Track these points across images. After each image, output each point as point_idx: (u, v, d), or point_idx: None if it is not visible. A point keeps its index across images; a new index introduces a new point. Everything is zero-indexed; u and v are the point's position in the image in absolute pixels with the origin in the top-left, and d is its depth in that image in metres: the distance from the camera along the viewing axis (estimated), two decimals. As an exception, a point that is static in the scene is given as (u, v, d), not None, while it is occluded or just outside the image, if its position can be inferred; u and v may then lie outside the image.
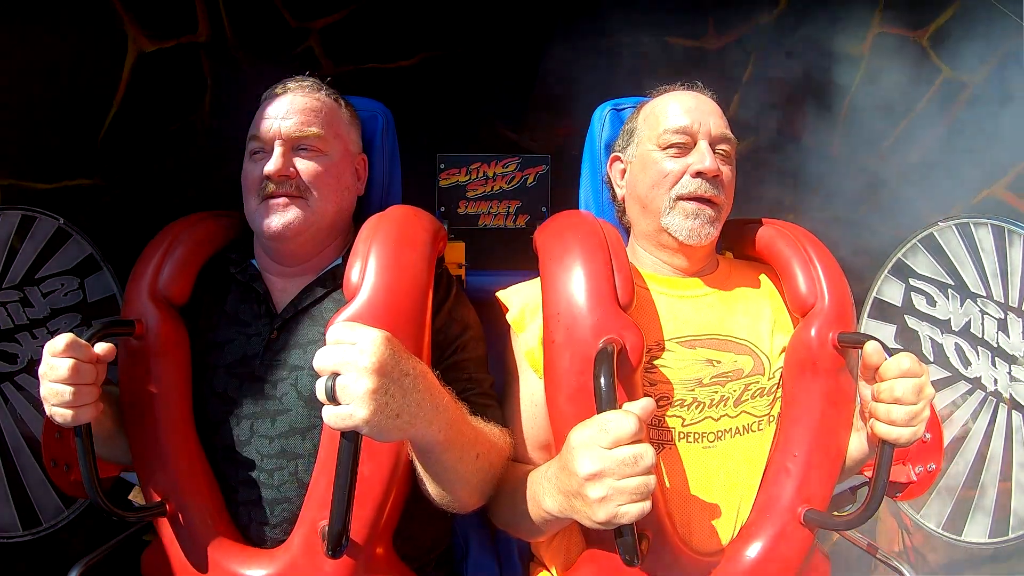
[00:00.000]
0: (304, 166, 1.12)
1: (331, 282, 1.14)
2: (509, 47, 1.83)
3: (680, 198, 1.12)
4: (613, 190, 1.27)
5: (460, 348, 1.12)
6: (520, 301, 1.15)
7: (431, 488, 0.97)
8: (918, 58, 1.69)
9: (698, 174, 1.11)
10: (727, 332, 1.12)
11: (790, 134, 1.64)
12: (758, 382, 1.11)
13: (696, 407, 1.07)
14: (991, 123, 1.59)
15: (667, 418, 1.07)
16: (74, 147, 1.62)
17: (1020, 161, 1.58)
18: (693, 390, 1.08)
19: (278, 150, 1.11)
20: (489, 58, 1.80)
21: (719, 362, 1.10)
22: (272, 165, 1.10)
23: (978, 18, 1.57)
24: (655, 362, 1.08)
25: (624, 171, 1.23)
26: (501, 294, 1.19)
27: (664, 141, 1.14)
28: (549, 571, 1.14)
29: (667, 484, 1.05)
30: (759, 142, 1.70)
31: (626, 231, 1.28)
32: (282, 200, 1.10)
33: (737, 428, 1.08)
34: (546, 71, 1.82)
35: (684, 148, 1.13)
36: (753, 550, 1.03)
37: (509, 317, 1.15)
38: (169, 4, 1.62)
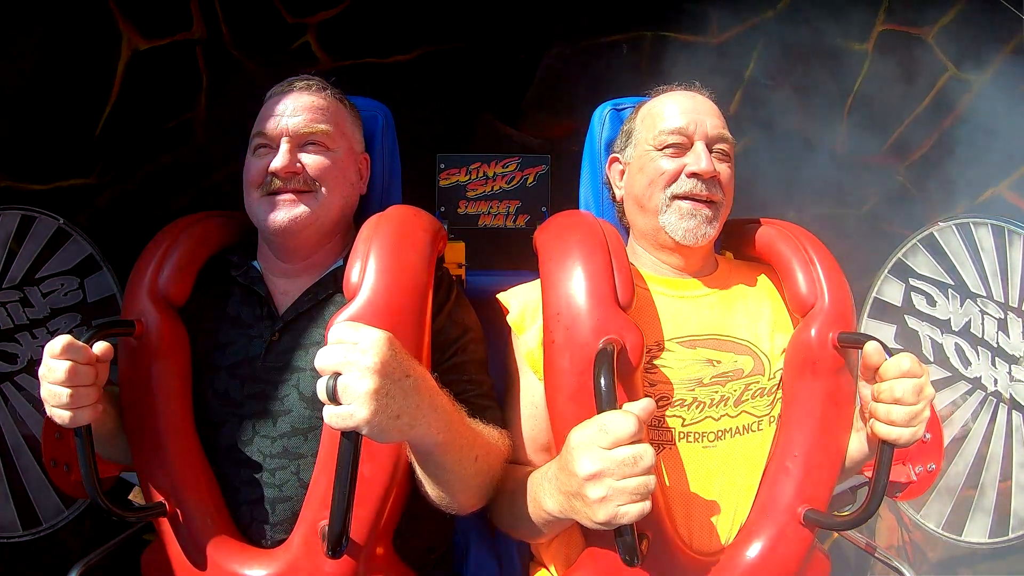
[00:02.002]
0: (311, 161, 1.12)
1: (332, 284, 1.14)
2: (507, 42, 1.82)
3: (676, 197, 1.12)
4: (613, 191, 1.27)
5: (460, 350, 1.12)
6: (520, 303, 1.15)
7: (430, 490, 0.97)
8: (923, 55, 1.67)
9: (693, 175, 1.11)
10: (727, 332, 1.12)
11: (793, 131, 1.63)
12: (758, 382, 1.11)
13: (696, 407, 1.07)
14: (995, 122, 1.58)
15: (667, 418, 1.07)
16: (69, 146, 1.62)
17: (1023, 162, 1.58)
18: (693, 390, 1.08)
19: (284, 146, 1.11)
20: (487, 53, 1.79)
21: (719, 362, 1.10)
22: (279, 161, 1.09)
23: (983, 16, 1.56)
24: (655, 362, 1.08)
25: (623, 172, 1.23)
26: (501, 296, 1.19)
27: (661, 142, 1.14)
28: (549, 571, 1.14)
29: (667, 484, 1.05)
30: (761, 139, 1.70)
31: (626, 231, 1.28)
32: (288, 196, 1.10)
33: (737, 428, 1.08)
34: (544, 67, 1.81)
35: (681, 149, 1.13)
36: (753, 550, 1.03)
37: (509, 319, 1.15)
38: (163, 2, 1.61)
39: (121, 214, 1.69)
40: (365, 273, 1.01)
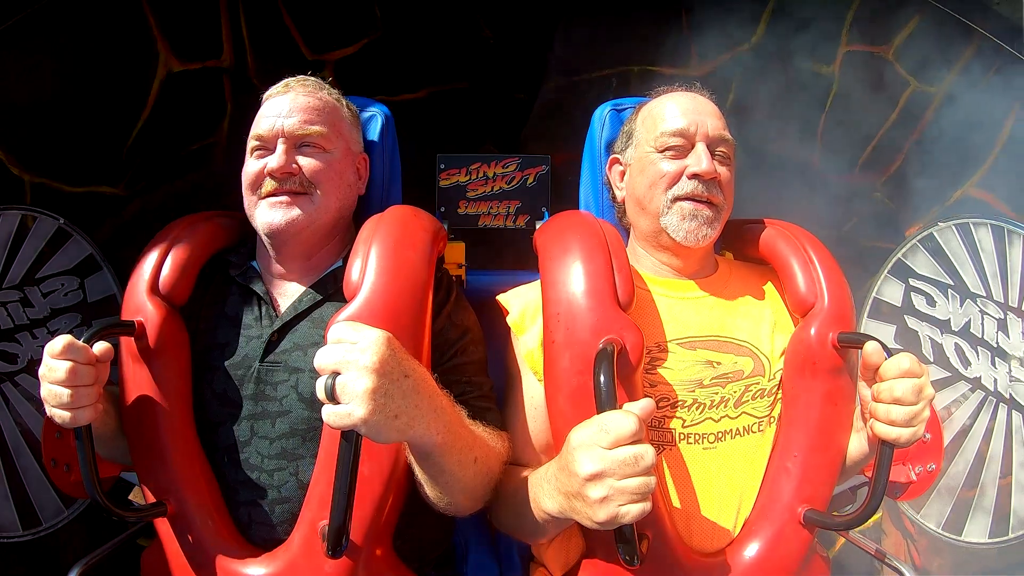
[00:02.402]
0: (307, 163, 1.12)
1: (332, 285, 1.14)
2: (506, 81, 1.91)
3: (677, 199, 1.12)
4: (613, 192, 1.27)
5: (459, 351, 1.12)
6: (520, 304, 1.15)
7: (429, 492, 0.97)
8: (886, 72, 1.73)
9: (694, 176, 1.11)
10: (727, 333, 1.12)
11: (774, 155, 1.67)
12: (758, 383, 1.11)
13: (696, 408, 1.07)
14: (958, 127, 1.63)
15: (667, 419, 1.06)
16: (102, 155, 1.68)
17: (985, 160, 1.63)
18: (693, 391, 1.08)
19: (281, 147, 1.11)
20: (487, 92, 1.89)
21: (719, 363, 1.10)
22: (275, 162, 1.09)
23: (938, 29, 1.62)
24: (655, 363, 1.08)
25: (623, 173, 1.23)
26: (501, 297, 1.19)
27: (661, 144, 1.14)
28: (549, 571, 1.13)
29: (667, 485, 1.05)
30: (744, 164, 1.75)
31: (626, 232, 1.28)
32: (284, 197, 1.10)
33: (737, 429, 1.08)
34: (540, 102, 1.90)
35: (682, 150, 1.13)
36: (753, 550, 1.03)
37: (509, 320, 1.15)
38: (198, 27, 1.68)
39: (139, 226, 1.72)
40: (365, 273, 1.01)
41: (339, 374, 0.74)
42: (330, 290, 1.14)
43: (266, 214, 1.10)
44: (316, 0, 1.73)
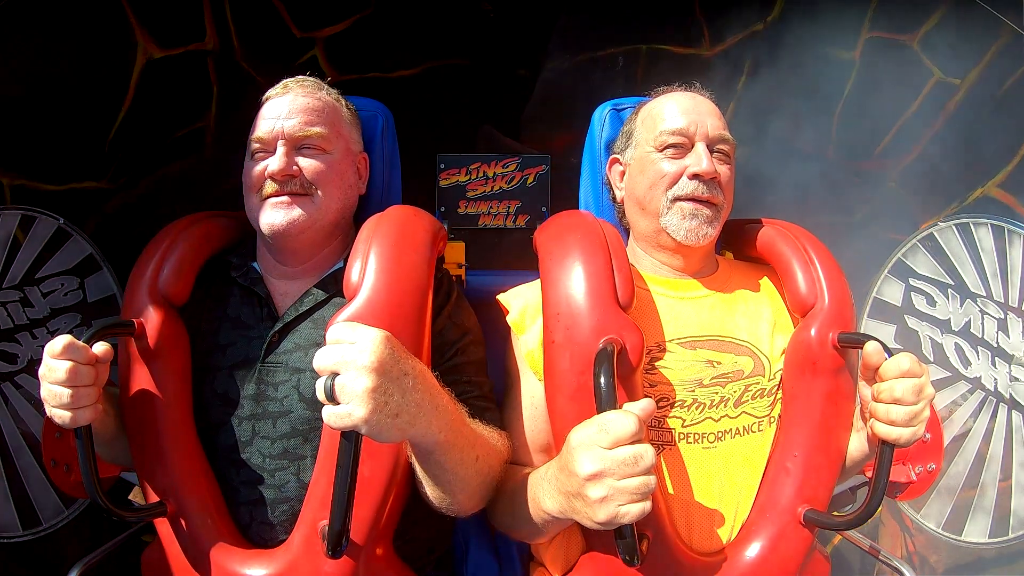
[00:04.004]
0: (307, 164, 1.12)
1: (333, 286, 1.14)
2: (508, 58, 1.85)
3: (677, 199, 1.12)
4: (613, 192, 1.27)
5: (459, 352, 1.12)
6: (520, 303, 1.15)
7: (430, 491, 0.97)
8: (909, 61, 1.70)
9: (695, 176, 1.11)
10: (727, 333, 1.12)
11: (786, 140, 1.66)
12: (758, 383, 1.11)
13: (696, 408, 1.07)
14: (981, 123, 1.61)
15: (667, 419, 1.07)
16: (83, 149, 1.64)
17: (1010, 160, 1.60)
18: (693, 391, 1.08)
19: (281, 149, 1.11)
20: (488, 69, 1.83)
21: (719, 363, 1.10)
22: (276, 164, 1.10)
23: (965, 20, 1.59)
24: (655, 363, 1.08)
25: (623, 173, 1.23)
26: (501, 297, 1.19)
27: (661, 143, 1.14)
28: (549, 571, 1.13)
29: (667, 485, 1.05)
30: (755, 149, 1.72)
31: (626, 232, 1.28)
32: (285, 199, 1.10)
33: (737, 429, 1.08)
34: (542, 79, 1.84)
35: (682, 150, 1.13)
36: (753, 550, 1.03)
37: (509, 319, 1.15)
38: (178, 12, 1.64)
39: (129, 219, 1.70)
40: (365, 273, 1.01)
41: (338, 374, 0.74)
42: (331, 291, 1.14)
43: (268, 215, 1.10)
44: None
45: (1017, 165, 1.58)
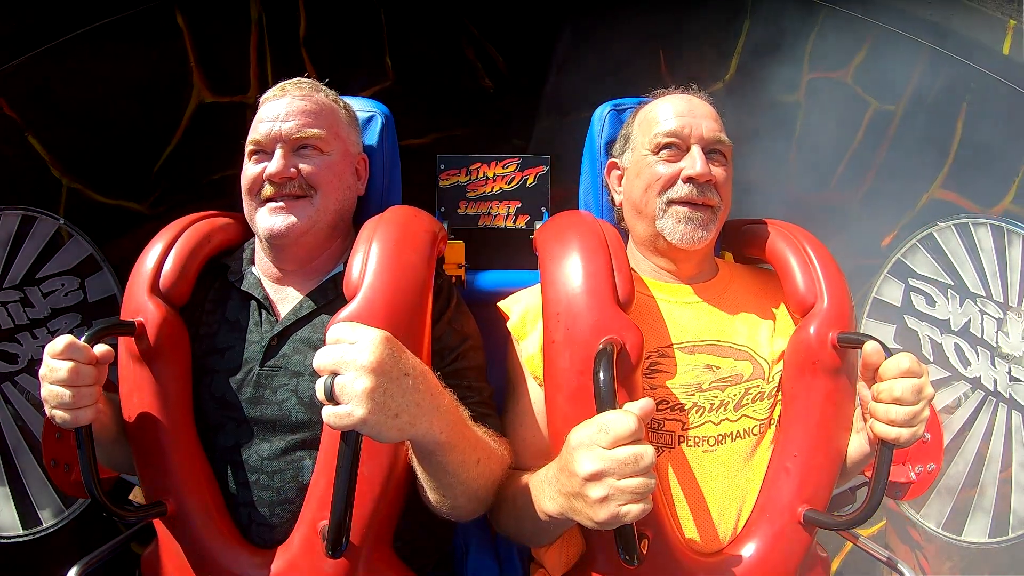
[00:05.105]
0: (305, 166, 1.12)
1: (332, 290, 1.14)
2: (506, 127, 1.94)
3: (672, 202, 1.12)
4: (612, 195, 1.27)
5: (459, 357, 1.12)
6: (520, 309, 1.15)
7: (431, 495, 0.97)
8: (848, 95, 1.82)
9: (689, 179, 1.11)
10: (726, 338, 1.12)
11: (751, 182, 1.72)
12: (758, 386, 1.10)
13: (696, 412, 1.07)
14: (919, 137, 1.72)
15: (667, 422, 1.06)
16: (134, 172, 1.77)
17: (944, 162, 1.72)
18: (693, 395, 1.08)
19: (279, 152, 1.11)
20: (489, 138, 1.92)
21: (718, 367, 1.10)
22: (274, 166, 1.10)
23: (890, 48, 1.70)
24: (655, 367, 1.08)
25: (621, 177, 1.23)
26: (501, 303, 1.19)
27: (656, 146, 1.14)
28: (549, 573, 1.13)
29: (669, 486, 1.05)
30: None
31: (626, 235, 1.28)
32: (284, 202, 1.10)
33: (738, 432, 1.08)
34: (536, 142, 1.93)
35: (677, 152, 1.13)
36: (752, 550, 1.03)
37: (509, 325, 1.15)
38: (231, 62, 1.80)
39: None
40: (365, 273, 1.01)
41: (338, 374, 0.74)
42: (331, 296, 1.14)
43: (266, 220, 1.10)
44: (336, 50, 1.85)
45: (951, 165, 1.70)
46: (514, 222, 1.78)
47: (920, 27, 1.65)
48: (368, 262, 1.02)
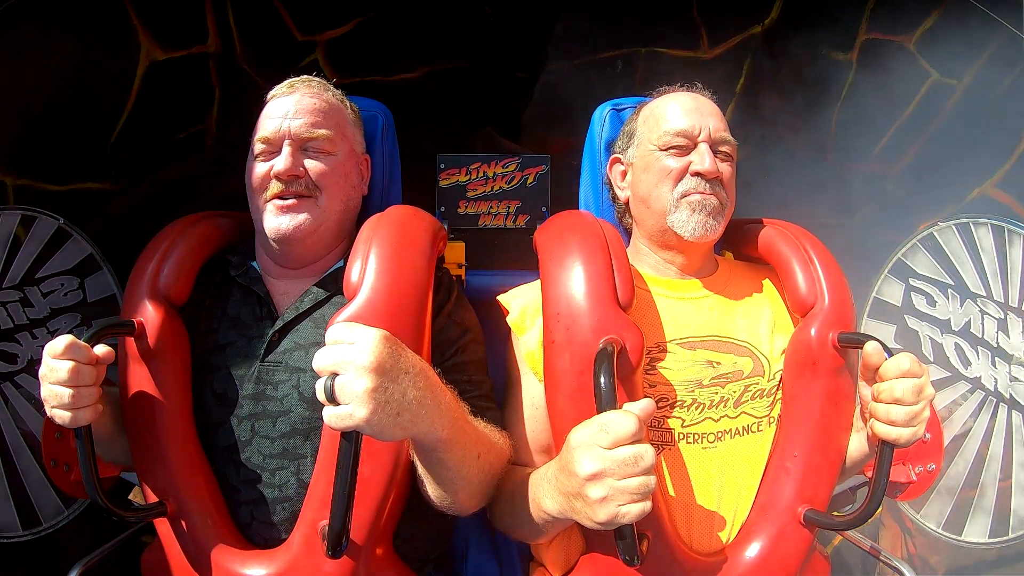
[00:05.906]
0: (312, 165, 1.12)
1: (333, 285, 1.14)
2: (507, 61, 1.87)
3: (684, 195, 1.12)
4: (613, 191, 1.27)
5: (459, 351, 1.12)
6: (520, 304, 1.15)
7: (431, 490, 0.97)
8: (906, 62, 1.71)
9: (697, 174, 1.11)
10: (727, 334, 1.13)
11: (784, 142, 1.66)
12: (758, 383, 1.11)
13: (696, 408, 1.07)
14: (978, 124, 1.61)
15: (667, 419, 1.07)
16: (86, 150, 1.65)
17: (1007, 160, 1.60)
18: (693, 391, 1.08)
19: (287, 149, 1.11)
20: (488, 72, 1.85)
21: (719, 363, 1.10)
22: (282, 164, 1.09)
23: (962, 21, 1.59)
24: (655, 364, 1.08)
25: (625, 173, 1.23)
26: (501, 297, 1.19)
27: (665, 143, 1.14)
28: (549, 572, 1.14)
29: (667, 485, 1.05)
30: (753, 151, 1.73)
31: (626, 232, 1.28)
32: (291, 201, 1.10)
33: (737, 429, 1.08)
34: (542, 82, 1.86)
35: (684, 150, 1.13)
36: (753, 550, 1.03)
37: (509, 320, 1.15)
38: (181, 14, 1.66)
39: (129, 219, 1.70)
40: (365, 273, 1.01)
41: (338, 375, 0.74)
42: (331, 290, 1.14)
43: (273, 220, 1.10)
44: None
45: (1014, 164, 1.59)
46: (514, 222, 1.78)
47: (1005, 7, 1.51)
48: (368, 262, 1.02)
